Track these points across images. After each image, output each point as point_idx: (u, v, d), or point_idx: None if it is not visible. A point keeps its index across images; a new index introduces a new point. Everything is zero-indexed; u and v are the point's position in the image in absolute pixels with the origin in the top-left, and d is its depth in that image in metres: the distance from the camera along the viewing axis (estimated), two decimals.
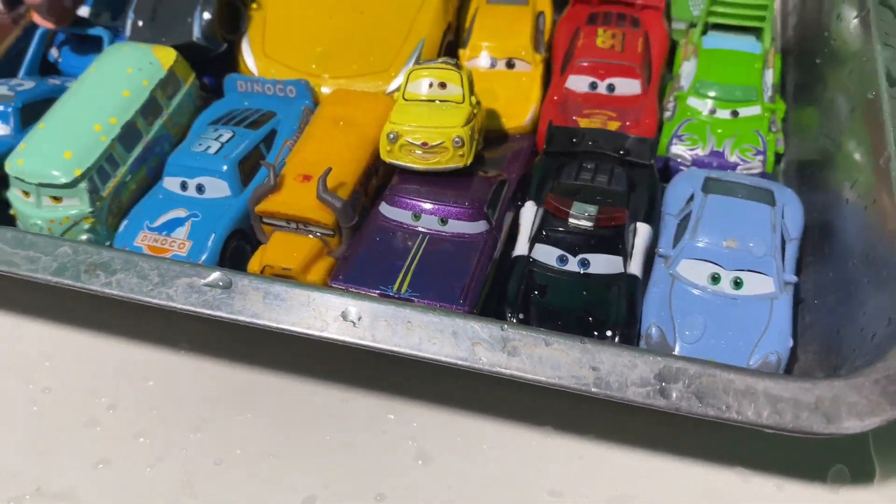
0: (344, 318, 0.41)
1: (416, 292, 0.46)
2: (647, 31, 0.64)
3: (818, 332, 0.49)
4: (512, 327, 0.40)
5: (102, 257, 0.44)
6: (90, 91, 0.55)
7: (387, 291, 0.46)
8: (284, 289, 0.42)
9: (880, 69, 0.52)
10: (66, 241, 0.45)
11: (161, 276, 0.43)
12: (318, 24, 0.63)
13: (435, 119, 0.52)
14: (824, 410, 0.37)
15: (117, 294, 0.43)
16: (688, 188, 0.53)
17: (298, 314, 0.41)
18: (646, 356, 0.39)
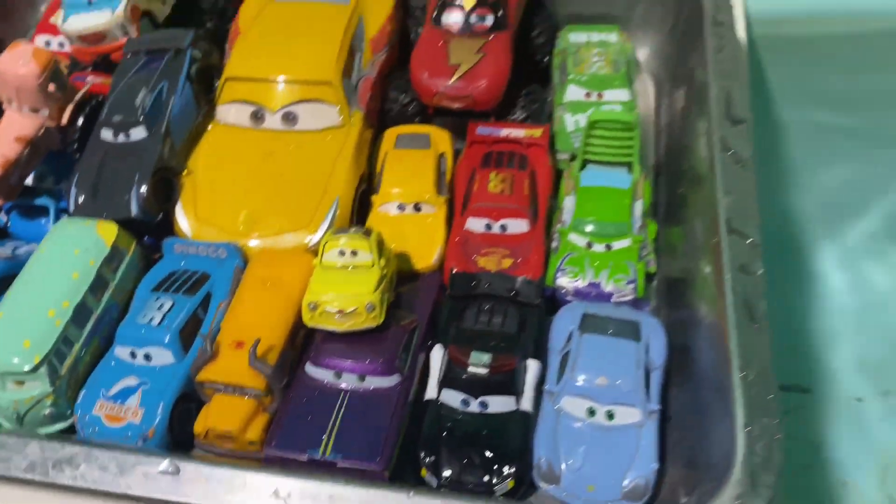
0: (276, 496, 0.49)
1: (339, 453, 0.55)
2: (533, 169, 0.73)
3: (684, 449, 0.58)
4: (418, 493, 0.49)
5: (66, 452, 0.51)
6: (42, 275, 0.62)
7: (314, 455, 0.55)
8: (224, 471, 0.50)
9: (721, 217, 0.62)
10: (34, 437, 0.52)
11: (119, 467, 0.50)
12: (244, 187, 0.70)
13: (349, 287, 0.60)
14: None
15: (83, 486, 0.50)
16: (567, 325, 0.63)
17: (238, 495, 0.49)
18: None
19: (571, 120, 0.78)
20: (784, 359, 1.17)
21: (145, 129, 0.68)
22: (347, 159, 0.71)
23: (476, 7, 0.76)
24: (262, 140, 0.73)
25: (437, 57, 0.75)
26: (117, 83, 0.72)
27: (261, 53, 0.75)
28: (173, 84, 0.70)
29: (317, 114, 0.73)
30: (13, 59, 0.66)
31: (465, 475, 0.56)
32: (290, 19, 0.78)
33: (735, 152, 0.66)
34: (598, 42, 0.84)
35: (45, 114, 0.69)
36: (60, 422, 0.61)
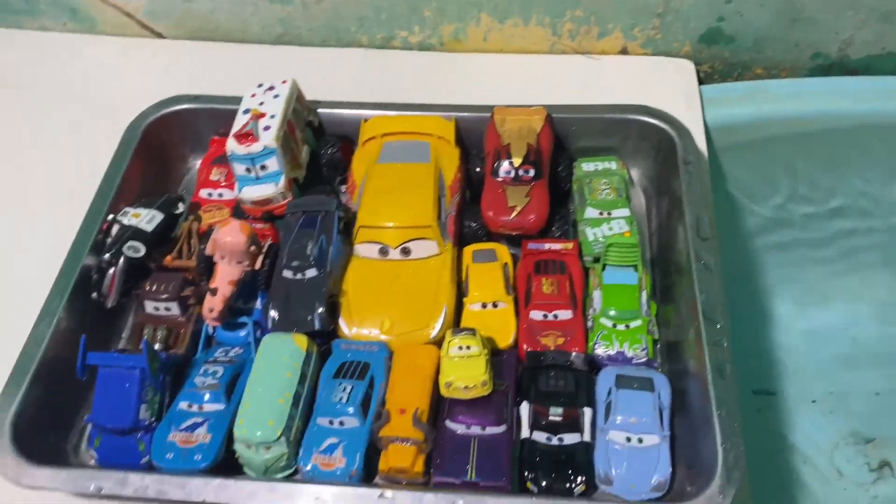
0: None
1: (479, 477, 0.90)
2: (570, 272, 1.08)
3: (684, 458, 0.93)
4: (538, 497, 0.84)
5: (322, 491, 0.86)
6: (268, 375, 0.96)
7: (464, 479, 0.90)
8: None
9: (699, 308, 0.98)
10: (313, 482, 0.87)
11: (355, 497, 0.85)
12: (382, 301, 1.04)
13: (469, 370, 0.94)
14: None
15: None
16: (607, 383, 0.98)
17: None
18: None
19: (591, 232, 1.13)
20: (757, 370, 1.63)
21: (316, 269, 1.03)
22: (448, 277, 1.06)
23: (522, 164, 1.11)
24: (389, 268, 1.07)
25: (499, 200, 1.10)
26: (287, 236, 1.06)
27: (380, 206, 1.09)
28: (329, 236, 1.05)
29: (423, 247, 1.08)
30: (228, 233, 1.00)
31: (555, 484, 0.91)
32: (393, 178, 1.12)
33: (705, 262, 1.02)
34: (603, 170, 1.20)
35: (246, 263, 1.03)
36: (289, 470, 0.95)
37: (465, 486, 0.90)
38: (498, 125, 1.16)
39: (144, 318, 1.06)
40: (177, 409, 0.97)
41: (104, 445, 0.96)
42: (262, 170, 1.09)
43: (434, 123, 1.19)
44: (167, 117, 1.24)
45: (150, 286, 1.05)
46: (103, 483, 0.88)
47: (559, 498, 0.90)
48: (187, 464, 0.92)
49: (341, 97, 1.25)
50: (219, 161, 1.22)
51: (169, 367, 1.00)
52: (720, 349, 0.94)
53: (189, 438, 0.94)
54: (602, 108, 1.22)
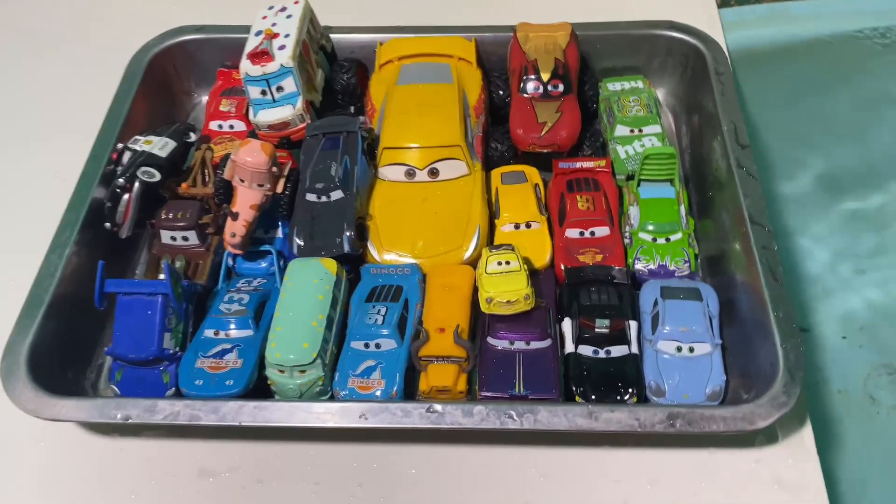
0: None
1: (528, 390, 0.86)
2: (605, 190, 1.04)
3: (736, 367, 0.90)
4: (595, 406, 0.80)
5: (364, 407, 0.81)
6: (299, 299, 0.91)
7: (513, 392, 0.85)
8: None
9: (746, 213, 0.94)
10: (345, 401, 0.82)
11: (402, 412, 0.81)
12: (411, 224, 1.00)
13: (510, 285, 0.90)
14: (748, 419, 0.78)
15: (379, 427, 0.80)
16: (652, 295, 0.94)
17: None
18: (661, 408, 0.80)
19: (622, 150, 1.09)
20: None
21: (341, 191, 0.98)
22: (479, 198, 1.02)
23: (551, 79, 1.07)
24: (416, 190, 1.02)
25: (528, 117, 1.06)
26: (308, 158, 1.01)
27: (404, 128, 1.04)
28: (353, 157, 1.00)
29: (451, 167, 1.03)
30: (249, 153, 0.94)
31: (606, 398, 0.87)
32: (415, 99, 1.07)
33: (746, 169, 0.98)
34: (630, 89, 1.16)
35: (267, 187, 0.97)
36: (324, 395, 0.91)
37: (514, 400, 0.85)
38: (522, 42, 1.12)
39: (161, 249, 1.00)
40: (202, 336, 0.92)
41: (126, 379, 0.91)
42: (278, 91, 1.04)
43: (454, 44, 1.14)
44: (171, 49, 1.19)
45: (167, 214, 0.99)
46: (130, 411, 0.83)
47: (613, 404, 0.85)
48: (218, 389, 0.87)
49: (354, 22, 1.20)
50: (228, 93, 1.17)
51: (191, 296, 0.95)
52: (770, 253, 0.91)
53: (219, 364, 0.89)
54: (627, 25, 1.17)
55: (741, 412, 0.80)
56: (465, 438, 0.89)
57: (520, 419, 0.80)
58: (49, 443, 0.91)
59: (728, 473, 0.86)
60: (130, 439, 0.91)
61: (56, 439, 0.92)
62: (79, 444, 0.91)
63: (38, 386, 0.85)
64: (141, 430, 0.91)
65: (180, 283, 0.91)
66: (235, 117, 1.14)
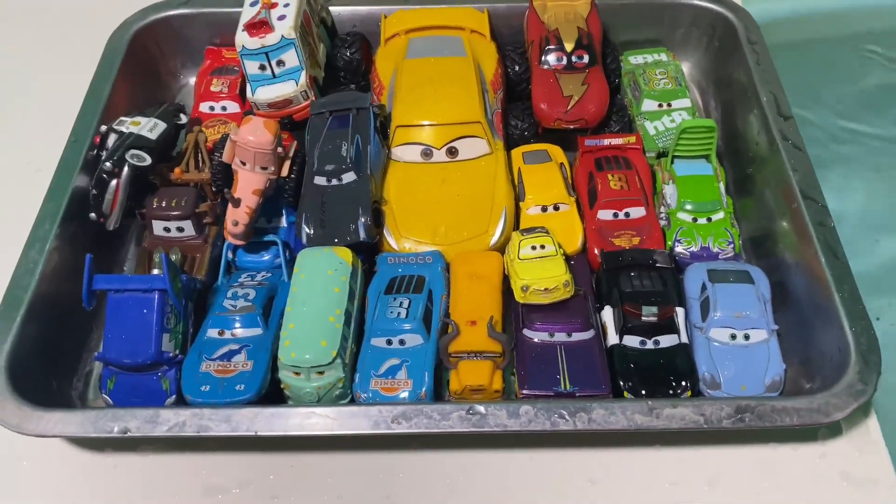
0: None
1: (575, 387, 0.77)
2: (636, 168, 0.96)
3: (794, 355, 0.82)
4: (654, 401, 0.72)
5: (399, 411, 0.72)
6: (312, 293, 0.81)
7: (559, 390, 0.77)
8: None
9: (796, 188, 0.87)
10: (375, 405, 0.73)
11: (441, 414, 0.72)
12: (431, 208, 0.91)
13: (547, 271, 0.82)
14: (823, 410, 0.71)
15: (415, 432, 0.71)
16: (698, 279, 0.86)
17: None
18: (727, 401, 0.72)
19: (651, 126, 1.02)
20: None
21: (354, 173, 0.88)
22: (503, 178, 0.93)
23: (575, 49, 0.99)
24: (434, 171, 0.93)
25: (553, 91, 0.97)
26: (315, 139, 0.91)
27: (419, 104, 0.95)
28: (365, 136, 0.90)
29: (472, 146, 0.94)
30: (252, 131, 0.85)
31: (657, 393, 0.79)
32: (428, 73, 0.98)
33: (792, 142, 0.91)
34: (654, 62, 1.08)
35: (271, 170, 0.88)
36: (343, 399, 0.81)
37: (560, 399, 0.77)
38: (539, 12, 1.03)
39: (153, 242, 0.90)
40: (205, 337, 0.82)
41: (120, 387, 0.81)
42: (278, 66, 0.94)
43: (465, 15, 1.06)
44: (155, 25, 1.09)
45: (159, 202, 0.89)
46: (129, 423, 0.73)
47: (673, 399, 0.77)
48: (227, 395, 0.77)
49: None
50: (219, 72, 1.07)
51: (191, 293, 0.85)
52: (827, 229, 0.83)
53: (227, 367, 0.79)
54: None
55: (815, 403, 0.72)
56: (502, 442, 0.80)
57: (572, 419, 0.71)
58: (32, 461, 0.81)
59: (792, 470, 0.79)
60: (125, 454, 0.81)
61: (40, 457, 0.81)
62: (66, 462, 0.81)
63: (19, 397, 0.75)
64: (137, 444, 0.81)
65: (179, 277, 0.81)
66: (228, 98, 1.04)
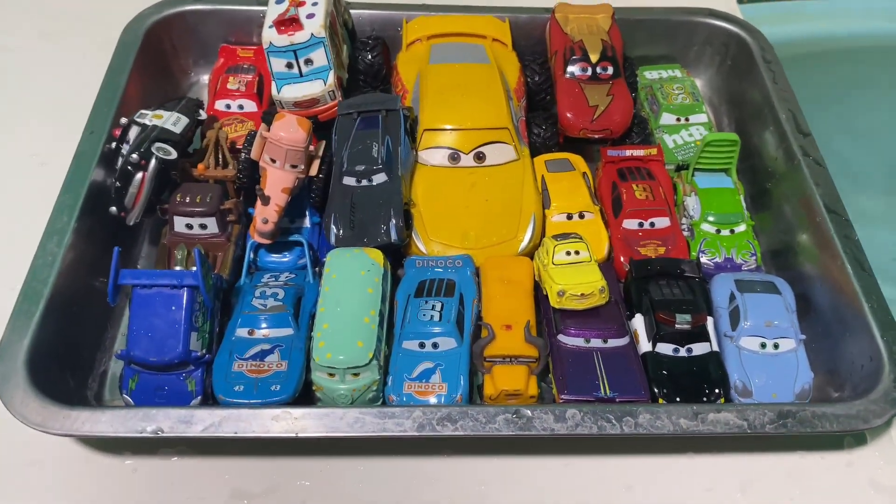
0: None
1: (615, 392, 0.77)
2: (659, 180, 0.97)
3: (820, 364, 0.83)
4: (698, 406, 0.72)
5: (443, 413, 0.71)
6: (346, 293, 0.80)
7: (599, 395, 0.77)
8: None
9: (820, 203, 0.89)
10: (416, 406, 0.72)
11: (486, 416, 0.71)
12: (459, 212, 0.90)
13: (583, 277, 0.82)
14: (862, 417, 0.72)
15: (462, 434, 0.70)
16: (726, 289, 0.87)
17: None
18: (769, 406, 0.73)
19: (669, 139, 1.03)
20: None
21: (385, 174, 0.87)
22: (530, 184, 0.93)
23: (600, 61, 1.00)
24: (462, 175, 0.93)
25: (579, 101, 0.98)
26: (343, 139, 0.90)
27: (447, 108, 0.95)
28: (396, 137, 0.89)
29: (499, 152, 0.94)
30: (285, 128, 0.83)
31: (691, 400, 0.79)
32: (454, 79, 0.98)
33: (813, 157, 0.93)
34: (669, 78, 1.10)
35: (300, 168, 0.86)
36: (376, 402, 0.80)
37: (599, 402, 0.77)
38: (562, 24, 1.04)
39: (174, 238, 0.87)
40: (233, 336, 0.80)
41: (142, 388, 0.78)
42: (306, 64, 0.93)
43: (487, 24, 1.06)
44: (170, 20, 1.06)
45: (183, 198, 0.86)
46: (162, 423, 0.70)
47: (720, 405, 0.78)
48: (263, 395, 0.75)
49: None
50: (234, 70, 1.05)
51: (218, 291, 0.83)
52: (852, 242, 0.85)
53: (261, 367, 0.77)
54: (664, 11, 1.12)
55: (853, 410, 0.73)
56: (537, 448, 0.80)
57: (619, 423, 0.71)
58: (46, 465, 0.77)
59: (821, 478, 0.80)
60: (145, 458, 0.78)
61: (54, 460, 0.77)
62: (82, 465, 0.77)
63: (42, 395, 0.71)
64: (158, 447, 0.78)
65: (211, 274, 0.79)
66: (245, 96, 1.02)
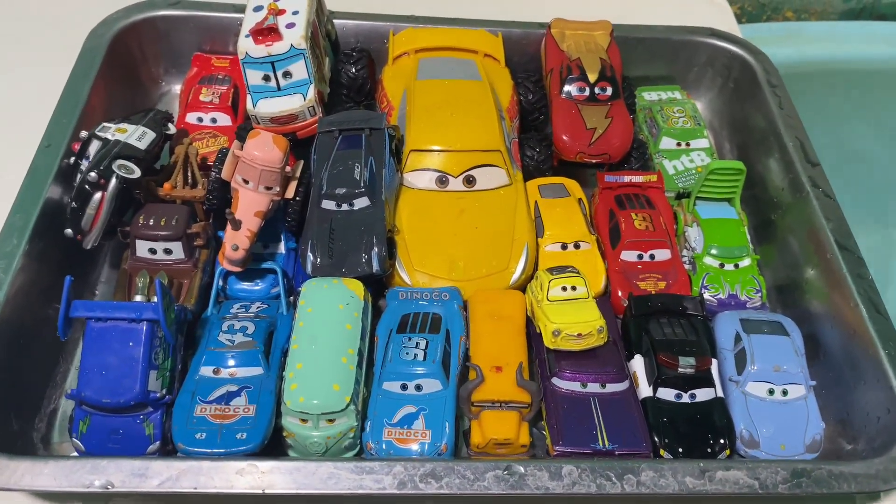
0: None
1: (614, 444, 0.71)
2: (659, 209, 0.91)
3: (832, 412, 0.78)
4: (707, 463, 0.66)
5: (427, 468, 0.64)
6: (323, 329, 0.73)
7: (597, 447, 0.70)
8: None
9: (830, 238, 0.83)
10: (397, 460, 0.65)
11: (475, 473, 0.64)
12: (447, 241, 0.84)
13: (581, 315, 0.76)
14: (882, 476, 0.66)
15: (447, 493, 0.63)
16: (731, 329, 0.81)
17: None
18: (782, 464, 0.67)
19: (669, 165, 0.98)
20: None
21: (367, 198, 0.81)
22: (523, 211, 0.87)
23: (598, 81, 0.94)
24: (450, 200, 0.86)
25: (576, 123, 0.92)
26: (323, 158, 0.83)
27: (434, 128, 0.88)
28: (380, 158, 0.83)
29: (491, 175, 0.88)
30: (259, 146, 0.77)
31: (694, 452, 0.73)
32: (444, 96, 0.91)
33: (822, 189, 0.88)
34: (668, 100, 1.05)
35: (275, 190, 0.79)
36: (352, 451, 0.73)
37: (598, 457, 0.70)
38: (558, 40, 0.99)
39: (135, 264, 0.80)
40: (197, 375, 0.73)
41: (94, 431, 0.70)
42: (284, 77, 0.86)
43: (479, 38, 1.00)
44: (139, 25, 0.99)
45: (146, 220, 0.79)
46: (113, 476, 0.62)
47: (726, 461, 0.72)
48: (227, 445, 0.68)
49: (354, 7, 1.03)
50: (208, 81, 0.98)
51: (182, 324, 0.75)
52: (866, 282, 0.80)
53: (225, 412, 0.70)
54: (664, 30, 1.06)
55: (873, 469, 0.68)
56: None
57: (619, 482, 0.65)
58: None
59: None
60: None
61: None
62: None
63: None
64: (110, 498, 0.70)
65: (173, 307, 0.71)
66: (218, 109, 0.95)
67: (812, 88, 1.32)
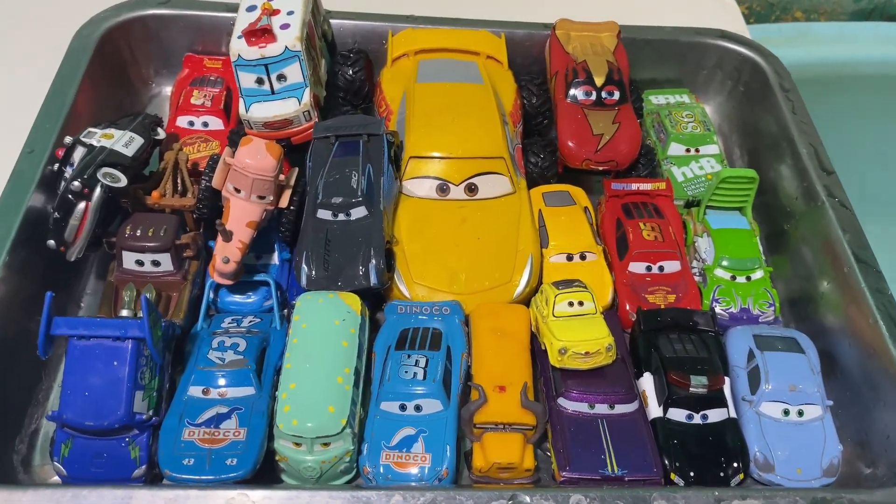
0: None
1: (624, 469, 0.67)
2: (668, 218, 0.88)
3: (849, 434, 0.75)
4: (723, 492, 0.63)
5: (427, 497, 0.61)
6: (317, 347, 0.70)
7: (605, 473, 0.67)
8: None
9: (848, 251, 0.80)
10: (397, 488, 0.61)
11: (477, 503, 0.61)
12: (448, 252, 0.80)
13: (588, 332, 0.72)
14: None
15: None
16: (744, 345, 0.78)
17: None
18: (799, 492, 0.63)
19: (678, 172, 0.94)
20: None
21: (365, 208, 0.77)
22: (527, 221, 0.84)
23: (605, 85, 0.90)
24: (451, 209, 0.83)
25: (582, 128, 0.89)
26: (318, 166, 0.80)
27: (435, 134, 0.85)
28: (378, 166, 0.79)
29: (493, 183, 0.84)
30: (251, 154, 0.73)
31: (707, 476, 0.70)
32: (444, 100, 0.88)
33: (839, 199, 0.84)
34: (677, 104, 1.01)
35: (268, 199, 0.76)
36: (348, 475, 0.69)
37: (607, 483, 0.67)
38: (563, 42, 0.95)
39: (121, 276, 0.77)
40: (185, 396, 0.69)
41: (77, 454, 0.66)
42: (279, 80, 0.82)
43: (481, 39, 0.96)
44: (128, 25, 0.95)
45: (133, 231, 0.75)
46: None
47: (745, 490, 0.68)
48: (216, 471, 0.64)
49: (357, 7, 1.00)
50: (200, 83, 0.94)
51: (170, 341, 0.72)
52: (886, 297, 0.77)
53: (215, 436, 0.66)
54: (672, 31, 1.03)
55: (895, 496, 0.64)
56: None
57: None
58: None
59: None
60: None
61: None
62: None
63: None
64: None
65: (160, 324, 0.68)
66: (210, 112, 0.91)
67: (822, 91, 1.29)
